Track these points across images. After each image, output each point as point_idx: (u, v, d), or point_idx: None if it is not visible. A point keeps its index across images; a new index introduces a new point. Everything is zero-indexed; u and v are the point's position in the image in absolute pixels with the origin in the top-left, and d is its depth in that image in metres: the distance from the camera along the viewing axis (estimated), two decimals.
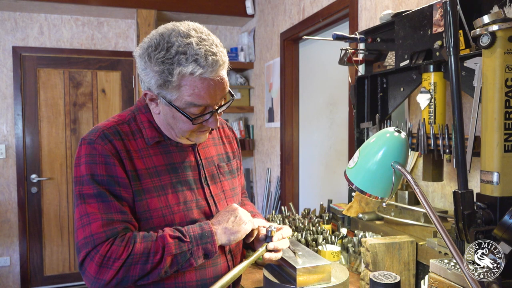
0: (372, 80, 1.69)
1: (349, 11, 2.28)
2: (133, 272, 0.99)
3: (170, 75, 1.00)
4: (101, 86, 3.96)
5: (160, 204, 1.09)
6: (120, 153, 1.06)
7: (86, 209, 1.02)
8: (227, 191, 1.26)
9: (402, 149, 0.96)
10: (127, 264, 0.98)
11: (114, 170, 1.04)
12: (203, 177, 1.19)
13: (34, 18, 3.75)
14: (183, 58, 0.99)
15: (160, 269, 1.01)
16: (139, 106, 1.18)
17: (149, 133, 1.13)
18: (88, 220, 1.01)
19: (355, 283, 1.42)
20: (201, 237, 1.05)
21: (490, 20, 0.97)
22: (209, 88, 1.02)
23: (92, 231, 1.00)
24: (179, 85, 1.01)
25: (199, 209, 1.15)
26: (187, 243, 1.03)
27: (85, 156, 1.05)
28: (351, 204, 1.77)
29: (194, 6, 3.72)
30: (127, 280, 1.00)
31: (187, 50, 0.99)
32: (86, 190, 1.03)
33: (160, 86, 1.03)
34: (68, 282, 3.90)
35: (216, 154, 1.27)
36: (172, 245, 1.02)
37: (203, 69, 0.99)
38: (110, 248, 0.98)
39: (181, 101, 1.03)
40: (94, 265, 0.98)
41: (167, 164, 1.13)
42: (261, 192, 3.75)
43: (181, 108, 1.04)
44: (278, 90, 3.30)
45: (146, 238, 1.02)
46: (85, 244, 0.99)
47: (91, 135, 1.08)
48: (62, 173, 3.86)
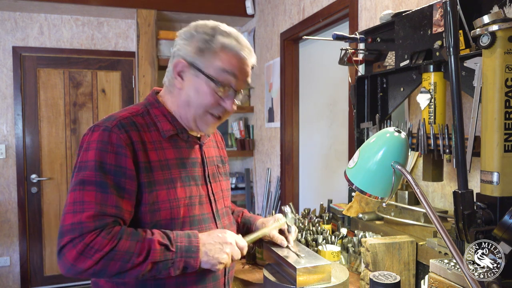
0: (372, 80, 1.69)
1: (349, 11, 2.28)
2: (112, 268, 0.98)
3: (212, 42, 1.11)
4: (101, 86, 3.96)
5: (169, 197, 1.10)
6: (134, 144, 1.07)
7: (83, 196, 1.00)
8: (224, 190, 1.31)
9: (402, 149, 0.96)
10: (107, 257, 0.97)
11: (124, 161, 1.04)
12: (207, 174, 1.23)
13: (34, 18, 3.75)
14: (226, 34, 1.13)
15: (139, 271, 1.00)
16: (151, 101, 1.20)
17: (164, 126, 1.15)
18: (82, 208, 0.99)
19: (355, 283, 1.42)
20: (186, 250, 1.04)
21: (490, 20, 0.97)
22: (241, 65, 1.13)
23: (82, 219, 0.98)
24: (217, 52, 1.11)
25: (201, 205, 1.18)
26: (172, 253, 1.02)
27: (97, 142, 1.04)
28: (351, 204, 1.77)
29: (194, 6, 3.72)
30: (103, 273, 0.98)
31: (231, 34, 1.14)
32: (88, 176, 1.01)
33: (198, 52, 1.11)
34: (68, 282, 3.90)
35: (215, 155, 1.33)
36: (158, 252, 1.01)
37: (241, 46, 1.13)
38: (95, 238, 0.97)
39: (213, 67, 1.11)
40: (74, 252, 0.96)
41: (177, 158, 1.15)
42: (261, 192, 3.75)
43: (214, 77, 1.11)
44: (278, 90, 3.30)
45: (133, 237, 1.01)
46: (71, 230, 0.97)
47: (107, 123, 1.07)
48: (62, 173, 3.86)
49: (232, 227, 1.30)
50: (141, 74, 3.60)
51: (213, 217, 1.20)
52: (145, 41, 3.60)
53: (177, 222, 1.11)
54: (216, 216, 1.21)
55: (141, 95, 3.61)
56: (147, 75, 3.61)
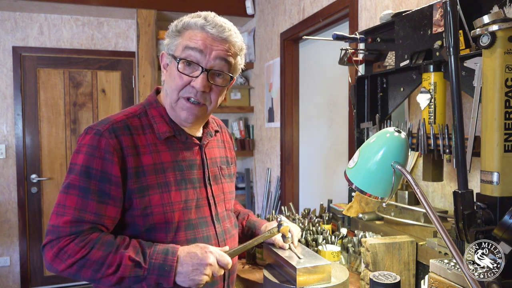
0: (372, 80, 1.69)
1: (349, 11, 2.28)
2: (84, 274, 1.02)
3: (179, 24, 1.11)
4: (101, 86, 3.96)
5: (162, 201, 1.09)
6: (124, 150, 1.06)
7: (65, 200, 1.03)
8: (227, 193, 1.28)
9: (402, 149, 0.96)
10: (79, 264, 1.00)
11: (110, 167, 1.04)
12: (207, 176, 1.20)
13: (34, 18, 3.75)
14: (194, 16, 1.11)
15: (109, 281, 1.02)
16: (150, 101, 1.19)
17: (160, 128, 1.13)
18: (63, 212, 1.03)
19: (355, 283, 1.42)
20: (159, 268, 1.02)
21: (490, 20, 0.97)
22: (206, 38, 1.08)
23: (59, 223, 1.02)
24: (181, 32, 1.10)
25: (198, 208, 1.16)
26: (144, 269, 1.02)
27: (87, 146, 1.05)
28: (351, 204, 1.77)
29: (194, 6, 3.68)
30: (79, 276, 1.03)
31: (201, 15, 1.12)
32: (73, 180, 1.04)
33: (169, 38, 1.13)
34: (68, 282, 3.90)
35: (219, 156, 1.29)
36: (128, 268, 1.01)
37: (206, 22, 1.08)
38: (68, 244, 1.00)
39: (179, 48, 1.10)
40: (51, 254, 1.01)
41: (173, 161, 1.13)
42: (261, 192, 3.75)
43: (178, 57, 1.09)
44: (278, 90, 3.30)
45: (107, 247, 1.02)
46: (51, 232, 1.02)
47: (99, 126, 1.08)
48: (62, 173, 3.86)
49: (233, 230, 1.29)
50: (141, 74, 3.60)
51: (212, 220, 1.19)
52: (145, 41, 3.60)
53: (171, 227, 1.10)
54: (215, 219, 1.20)
55: (141, 95, 3.61)
56: (147, 75, 3.61)
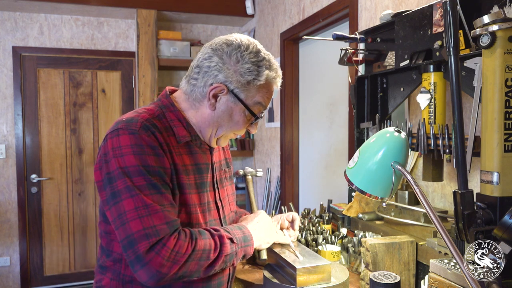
0: (372, 80, 1.69)
1: (349, 11, 2.28)
2: (192, 268, 0.99)
3: (260, 75, 1.09)
4: (101, 86, 3.96)
5: (190, 202, 1.09)
6: (162, 146, 1.04)
7: (143, 201, 0.96)
8: (230, 195, 1.29)
9: (402, 149, 0.96)
10: (190, 259, 0.98)
11: (163, 161, 1.02)
12: (215, 180, 1.21)
13: (34, 18, 3.75)
14: (268, 64, 1.11)
15: (213, 267, 1.03)
16: (166, 103, 1.14)
17: (180, 131, 1.11)
18: (148, 211, 0.96)
19: (355, 283, 1.42)
20: (244, 240, 1.11)
21: (490, 20, 0.97)
22: (271, 94, 1.16)
23: (154, 222, 0.95)
24: (261, 87, 1.11)
25: (209, 211, 1.17)
26: (235, 245, 1.08)
27: (131, 146, 1.00)
28: (351, 204, 1.77)
29: (194, 6, 3.72)
30: (182, 276, 0.99)
31: (270, 59, 1.13)
32: (137, 181, 0.98)
33: (245, 84, 1.08)
34: (68, 282, 3.90)
35: (222, 159, 1.31)
36: (228, 246, 1.06)
37: (279, 79, 1.15)
38: (177, 242, 0.97)
39: (251, 100, 1.11)
40: (159, 259, 0.94)
41: (193, 164, 1.13)
42: (261, 192, 3.76)
43: (250, 108, 1.11)
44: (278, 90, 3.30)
45: (202, 235, 1.04)
46: (145, 236, 0.94)
47: (131, 126, 1.02)
48: (62, 173, 3.86)
49: None
50: (141, 74, 3.60)
51: (220, 223, 1.20)
52: (145, 41, 3.60)
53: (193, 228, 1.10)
54: (223, 222, 1.21)
55: (141, 95, 3.61)
56: (147, 75, 3.61)
